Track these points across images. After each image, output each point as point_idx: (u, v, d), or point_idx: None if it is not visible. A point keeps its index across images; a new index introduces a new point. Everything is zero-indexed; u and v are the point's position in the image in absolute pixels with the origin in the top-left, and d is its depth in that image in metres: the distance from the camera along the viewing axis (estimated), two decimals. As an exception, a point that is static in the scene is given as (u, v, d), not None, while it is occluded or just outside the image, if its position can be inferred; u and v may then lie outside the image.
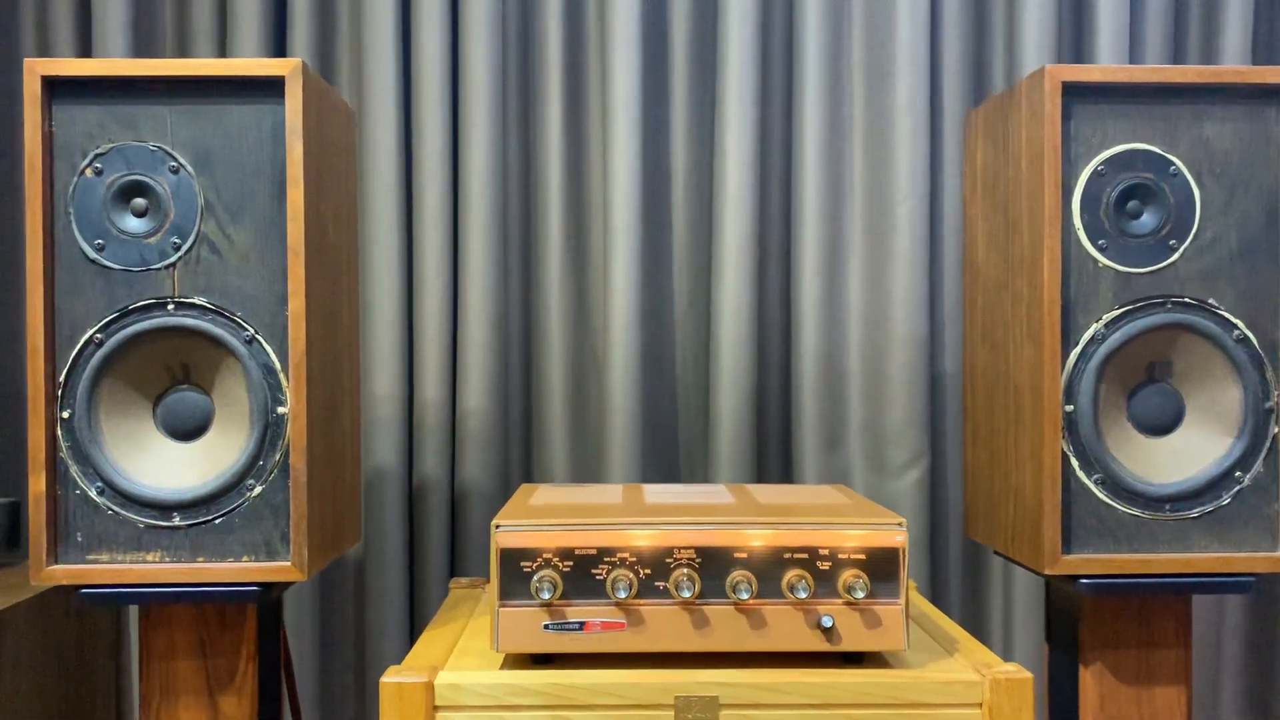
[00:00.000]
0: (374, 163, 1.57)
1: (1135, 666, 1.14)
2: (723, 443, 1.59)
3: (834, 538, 1.01)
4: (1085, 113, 1.08)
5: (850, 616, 1.01)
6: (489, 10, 1.56)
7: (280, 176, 1.05)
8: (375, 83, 1.56)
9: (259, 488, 1.06)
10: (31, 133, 1.04)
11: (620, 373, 1.58)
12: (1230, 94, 1.09)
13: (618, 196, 1.57)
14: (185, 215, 1.05)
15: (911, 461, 1.60)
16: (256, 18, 1.57)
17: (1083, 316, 1.09)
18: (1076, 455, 1.09)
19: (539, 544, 1.01)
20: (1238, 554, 1.09)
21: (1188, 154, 1.09)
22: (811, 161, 1.59)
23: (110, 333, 1.05)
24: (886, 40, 1.59)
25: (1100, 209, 1.09)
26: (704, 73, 1.64)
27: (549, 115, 1.62)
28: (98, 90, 1.05)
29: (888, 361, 1.61)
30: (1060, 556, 1.07)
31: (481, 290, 1.57)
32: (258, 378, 1.05)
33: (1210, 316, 1.09)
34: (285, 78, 1.04)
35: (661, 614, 1.01)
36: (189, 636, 1.12)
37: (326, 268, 1.13)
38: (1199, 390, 1.11)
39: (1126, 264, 1.09)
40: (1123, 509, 1.09)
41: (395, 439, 1.58)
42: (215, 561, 1.06)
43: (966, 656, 1.06)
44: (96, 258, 1.05)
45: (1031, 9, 1.57)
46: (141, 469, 1.06)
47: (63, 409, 1.05)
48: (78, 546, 1.05)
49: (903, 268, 1.59)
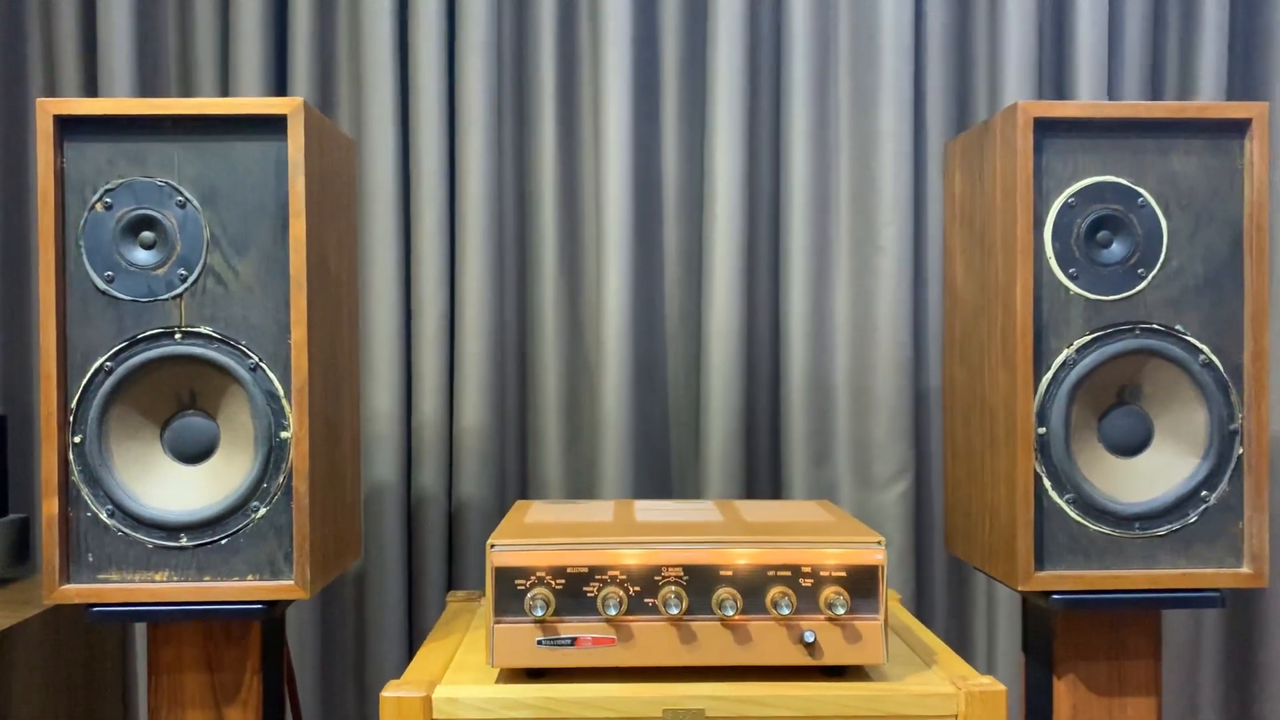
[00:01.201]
0: (373, 187, 1.61)
1: (1107, 678, 1.18)
2: (713, 457, 1.63)
3: (816, 556, 1.05)
4: (1056, 146, 1.12)
5: (831, 631, 1.05)
6: (484, 36, 1.60)
7: (283, 211, 1.09)
8: (374, 109, 1.60)
9: (263, 509, 1.10)
10: (44, 169, 1.08)
11: (613, 388, 1.61)
12: (1196, 129, 1.12)
13: (610, 216, 1.61)
14: (191, 248, 1.09)
15: (897, 475, 1.64)
16: (258, 47, 1.60)
17: (1055, 342, 1.13)
18: (1049, 475, 1.13)
19: (532, 563, 1.05)
20: (1204, 570, 1.13)
21: (1155, 186, 1.13)
22: (798, 183, 1.63)
23: (120, 361, 1.09)
24: (872, 66, 1.63)
25: (1071, 239, 1.13)
26: (694, 94, 1.67)
27: (543, 136, 1.65)
28: (107, 128, 1.09)
29: (873, 378, 1.65)
30: (1033, 573, 1.12)
31: (478, 309, 1.61)
32: (262, 404, 1.10)
33: (1177, 342, 1.13)
34: (288, 116, 1.08)
35: (650, 630, 1.05)
36: (195, 652, 1.16)
37: (327, 296, 1.17)
38: (1167, 413, 1.15)
39: (1096, 292, 1.13)
40: (1094, 527, 1.13)
41: (394, 454, 1.62)
42: (221, 581, 1.10)
43: (944, 669, 1.10)
44: (106, 289, 1.09)
45: (1012, 43, 1.60)
46: (150, 492, 1.10)
47: (74, 434, 1.09)
48: (89, 566, 1.09)
49: (888, 287, 1.63)
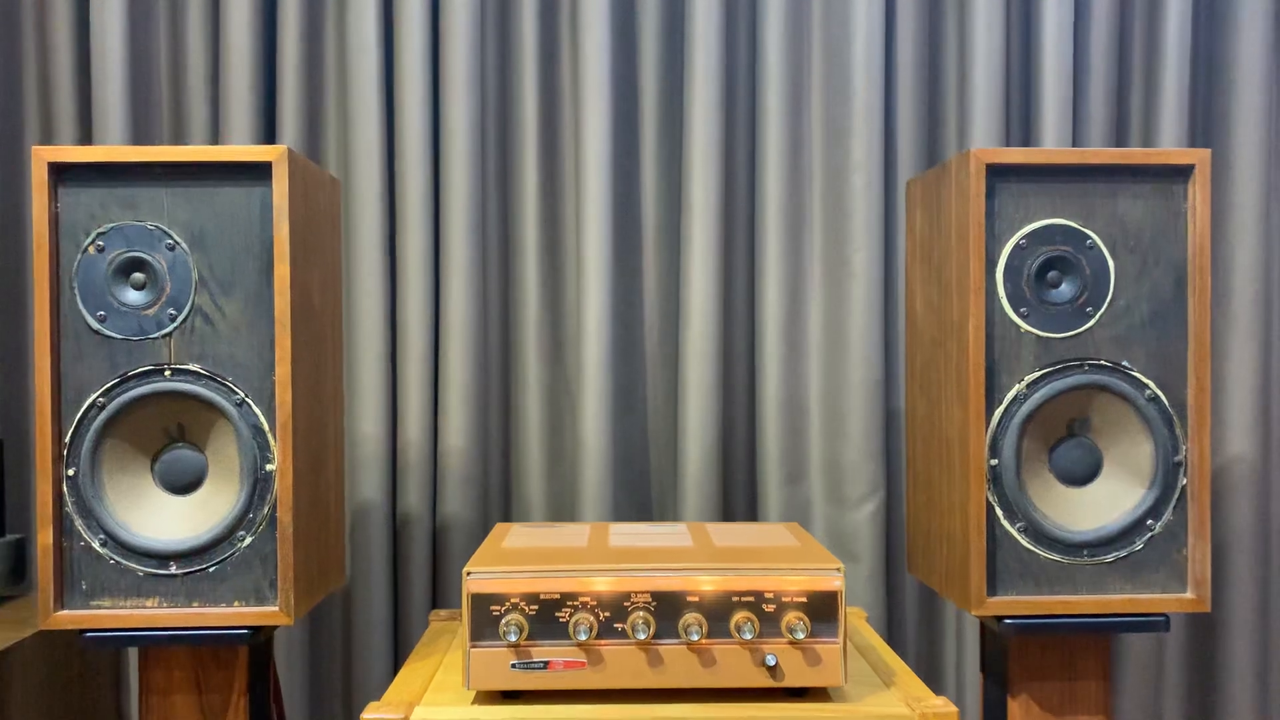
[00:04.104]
0: (360, 221, 1.65)
1: (1059, 698, 1.23)
2: (691, 477, 1.68)
3: (777, 582, 1.10)
4: (1008, 190, 1.17)
5: (793, 655, 1.10)
6: (468, 73, 1.64)
7: (268, 253, 1.14)
8: (360, 145, 1.64)
9: (249, 539, 1.15)
10: (39, 214, 1.12)
11: (593, 412, 1.66)
12: (1142, 173, 1.17)
13: (590, 244, 1.65)
14: (180, 289, 1.14)
15: (868, 495, 1.69)
16: (247, 88, 1.64)
17: (1006, 377, 1.18)
18: (1001, 505, 1.18)
19: (506, 589, 1.10)
20: (1151, 596, 1.18)
21: (1103, 228, 1.18)
22: (773, 212, 1.68)
23: (112, 396, 1.14)
24: (844, 99, 1.68)
25: (1022, 279, 1.18)
26: (671, 127, 1.72)
27: (525, 169, 1.71)
28: (100, 174, 1.13)
29: (845, 399, 1.70)
30: (985, 599, 1.17)
31: (461, 335, 1.66)
32: (247, 437, 1.14)
33: (1124, 377, 1.18)
34: (273, 163, 1.13)
35: (620, 654, 1.09)
36: (185, 674, 1.20)
37: (311, 334, 1.22)
38: (1114, 445, 1.20)
39: (1046, 329, 1.18)
40: (1044, 554, 1.18)
41: (380, 476, 1.66)
42: (209, 607, 1.15)
43: (902, 690, 1.15)
44: (99, 328, 1.14)
45: (980, 83, 1.66)
46: (141, 522, 1.15)
47: (68, 467, 1.14)
48: (82, 593, 1.14)
49: (859, 310, 1.68)
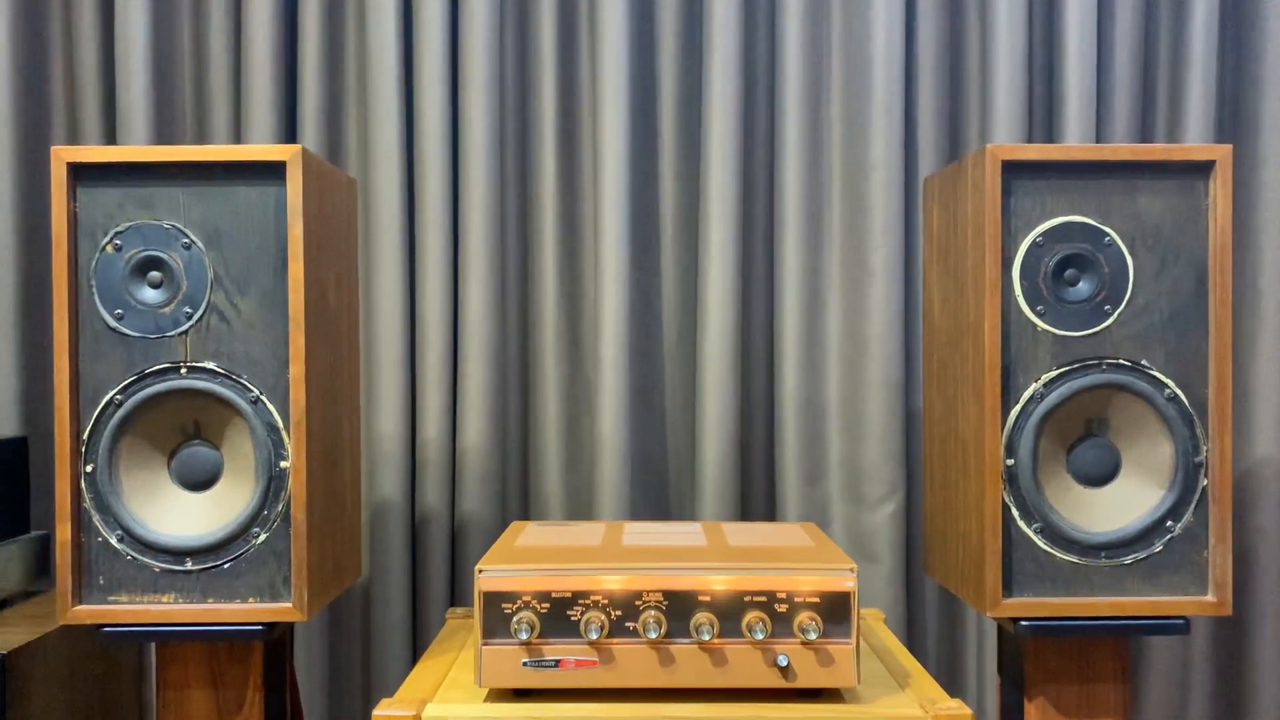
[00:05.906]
0: (379, 220, 1.66)
1: (1076, 701, 1.22)
2: (708, 477, 1.67)
3: (790, 582, 1.10)
4: (1024, 188, 1.16)
5: (805, 655, 1.09)
6: (487, 74, 1.65)
7: (282, 252, 1.15)
8: (380, 144, 1.65)
9: (263, 535, 1.16)
10: (58, 213, 1.14)
11: (611, 410, 1.66)
12: (1161, 170, 1.16)
13: (608, 243, 1.65)
14: (196, 287, 1.15)
15: (887, 495, 1.68)
16: (269, 90, 1.66)
17: (1023, 377, 1.16)
18: (1017, 506, 1.16)
19: (518, 587, 1.10)
20: (1170, 598, 1.16)
21: (1121, 226, 1.16)
22: (792, 209, 1.67)
23: (129, 394, 1.15)
24: (864, 94, 1.67)
25: (1039, 277, 1.16)
26: (690, 124, 1.72)
27: (543, 167, 1.71)
28: (117, 174, 1.15)
29: (865, 399, 1.69)
30: (1001, 600, 1.15)
31: (480, 334, 1.66)
32: (262, 435, 1.15)
33: (1143, 377, 1.16)
34: (286, 163, 1.14)
35: (631, 653, 1.09)
36: (201, 670, 1.22)
37: (326, 332, 1.23)
38: (1133, 445, 1.18)
39: (1064, 328, 1.16)
40: (1061, 556, 1.16)
41: (399, 475, 1.67)
42: (224, 603, 1.15)
43: (916, 691, 1.14)
44: (116, 326, 1.15)
45: (1001, 80, 1.64)
46: (157, 518, 1.16)
47: (86, 463, 1.15)
48: (100, 589, 1.16)
49: (879, 310, 1.67)
